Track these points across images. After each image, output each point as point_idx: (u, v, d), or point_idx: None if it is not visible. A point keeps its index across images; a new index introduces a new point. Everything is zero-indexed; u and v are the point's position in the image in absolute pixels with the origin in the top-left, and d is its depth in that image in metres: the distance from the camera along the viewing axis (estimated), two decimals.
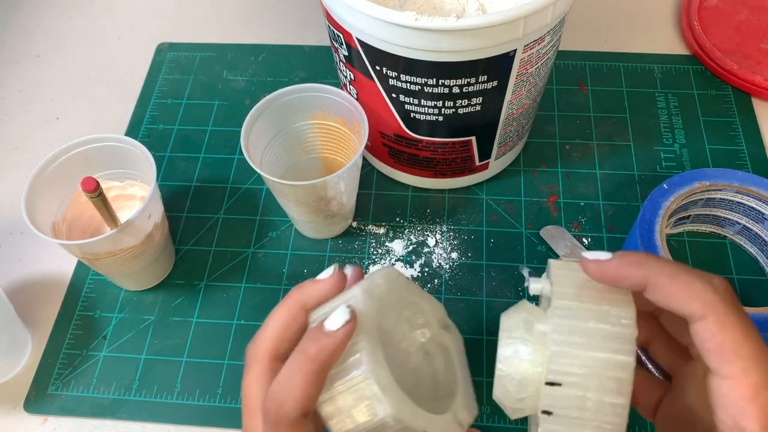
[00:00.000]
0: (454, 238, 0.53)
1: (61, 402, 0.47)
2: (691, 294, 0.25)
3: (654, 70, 0.63)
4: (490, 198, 0.55)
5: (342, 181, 0.46)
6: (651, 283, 0.25)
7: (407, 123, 0.48)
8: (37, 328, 0.51)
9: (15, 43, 0.70)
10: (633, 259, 0.26)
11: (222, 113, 0.62)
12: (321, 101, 0.50)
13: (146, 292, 0.52)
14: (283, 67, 0.65)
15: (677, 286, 0.25)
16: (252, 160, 0.45)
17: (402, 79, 0.44)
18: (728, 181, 0.48)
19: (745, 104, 0.60)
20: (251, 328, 0.49)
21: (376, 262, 0.52)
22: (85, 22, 0.72)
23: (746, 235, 0.50)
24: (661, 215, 0.46)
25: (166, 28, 0.70)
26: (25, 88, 0.66)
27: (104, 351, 0.49)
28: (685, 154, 0.57)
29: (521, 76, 0.45)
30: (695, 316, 0.25)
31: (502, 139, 0.51)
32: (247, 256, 0.53)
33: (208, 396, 0.47)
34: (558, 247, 0.51)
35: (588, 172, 0.56)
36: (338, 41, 0.46)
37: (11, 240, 0.56)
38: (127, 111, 0.63)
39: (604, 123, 0.59)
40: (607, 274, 0.27)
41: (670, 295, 0.25)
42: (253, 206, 0.56)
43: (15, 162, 0.61)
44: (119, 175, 0.50)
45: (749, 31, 0.63)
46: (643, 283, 0.26)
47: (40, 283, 0.53)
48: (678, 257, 0.51)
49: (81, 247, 0.44)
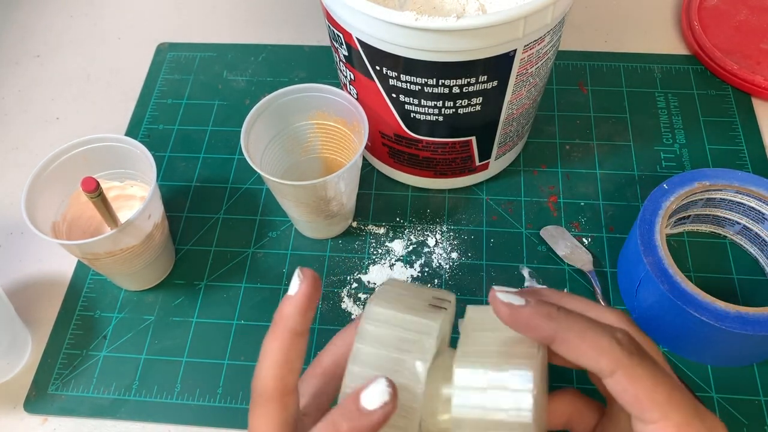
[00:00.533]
0: (454, 238, 0.53)
1: (61, 402, 0.47)
2: (598, 352, 0.25)
3: (654, 70, 0.63)
4: (490, 198, 0.55)
5: (342, 181, 0.46)
6: (559, 338, 0.26)
7: (407, 123, 0.48)
8: (37, 328, 0.51)
9: (15, 43, 0.70)
10: (545, 310, 0.26)
11: (222, 113, 0.62)
12: (321, 101, 0.50)
13: (146, 292, 0.52)
14: (283, 67, 0.65)
15: (585, 344, 0.25)
16: (252, 160, 0.45)
17: (402, 79, 0.44)
18: (728, 181, 0.48)
19: (745, 104, 0.60)
20: (251, 328, 0.50)
21: (376, 262, 0.52)
22: (85, 22, 0.72)
23: (746, 235, 0.50)
24: (661, 215, 0.46)
25: (166, 28, 0.70)
26: (25, 88, 0.66)
27: (104, 351, 0.49)
28: (685, 154, 0.57)
29: (521, 76, 0.45)
30: (604, 373, 0.25)
31: (502, 139, 0.51)
32: (247, 256, 0.53)
33: (208, 396, 0.47)
34: (558, 247, 0.51)
35: (588, 172, 0.56)
36: (338, 41, 0.46)
37: (11, 240, 0.56)
38: (127, 111, 0.63)
39: (604, 123, 0.59)
40: (519, 322, 0.27)
41: (579, 353, 0.26)
42: (253, 206, 0.56)
43: (15, 162, 0.61)
44: (119, 175, 0.50)
45: (749, 31, 0.63)
46: (552, 337, 0.26)
47: (40, 283, 0.53)
48: (678, 257, 0.51)
49: (81, 247, 0.44)
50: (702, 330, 0.43)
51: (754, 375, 0.46)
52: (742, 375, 0.46)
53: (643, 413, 0.25)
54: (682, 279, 0.43)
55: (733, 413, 0.44)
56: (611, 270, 0.51)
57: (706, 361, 0.46)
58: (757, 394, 0.45)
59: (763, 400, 0.45)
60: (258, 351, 0.29)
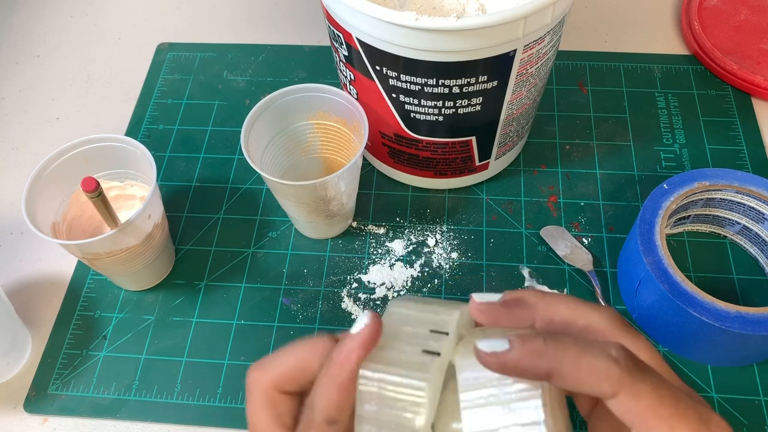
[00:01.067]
0: (454, 238, 0.53)
1: (61, 402, 0.47)
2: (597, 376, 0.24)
3: (654, 70, 0.63)
4: (490, 198, 0.55)
5: (342, 181, 0.46)
6: (555, 373, 0.25)
7: (407, 123, 0.48)
8: (37, 328, 0.51)
9: (15, 43, 0.70)
10: (532, 348, 0.25)
11: (222, 113, 0.62)
12: (321, 101, 0.50)
13: (146, 292, 0.52)
14: (283, 67, 0.65)
15: (581, 372, 0.24)
16: (252, 160, 0.45)
17: (402, 79, 0.44)
18: (728, 181, 0.48)
19: (745, 104, 0.60)
20: (251, 328, 0.49)
21: (376, 262, 0.52)
22: (85, 22, 0.72)
23: (746, 235, 0.50)
24: (661, 215, 0.46)
25: (166, 28, 0.70)
26: (25, 88, 0.66)
27: (104, 351, 0.49)
28: (685, 154, 0.57)
29: (521, 76, 0.45)
30: (607, 396, 0.25)
31: (502, 139, 0.51)
32: (247, 256, 0.53)
33: (208, 396, 0.47)
34: (558, 247, 0.51)
35: (588, 172, 0.56)
36: (338, 41, 0.46)
37: (11, 240, 0.56)
38: (127, 111, 0.63)
39: (604, 123, 0.59)
40: (509, 369, 0.25)
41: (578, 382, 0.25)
42: (253, 206, 0.56)
43: (15, 162, 0.61)
44: (119, 175, 0.50)
45: (749, 31, 0.63)
46: (547, 374, 0.25)
47: (40, 283, 0.53)
48: (678, 257, 0.51)
49: (81, 247, 0.44)
50: (702, 330, 0.43)
51: (754, 375, 0.46)
52: (742, 375, 0.46)
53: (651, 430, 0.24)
54: (682, 279, 0.43)
55: (733, 413, 0.44)
56: (611, 270, 0.51)
57: (706, 361, 0.46)
58: (757, 394, 0.45)
59: (763, 400, 0.45)
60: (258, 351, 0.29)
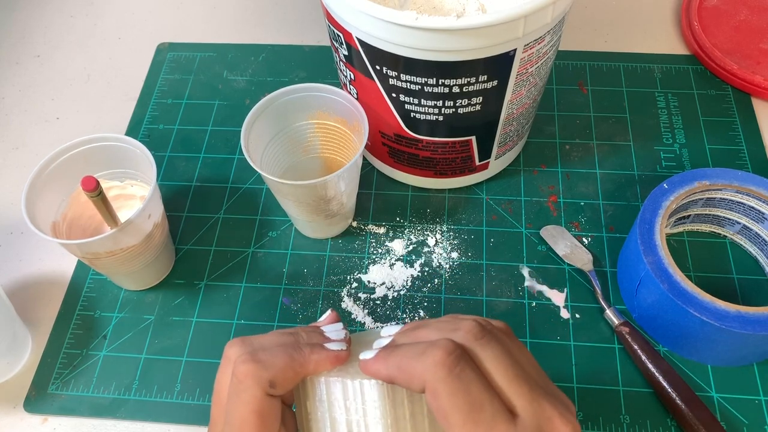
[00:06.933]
0: (454, 237, 0.53)
1: (61, 402, 0.47)
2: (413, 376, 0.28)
3: (654, 70, 0.63)
4: (490, 198, 0.55)
5: (342, 180, 0.46)
6: (393, 377, 0.29)
7: (407, 123, 0.48)
8: (37, 328, 0.51)
9: (15, 43, 0.70)
10: (381, 355, 0.30)
11: (222, 113, 0.62)
12: (321, 101, 0.50)
13: (146, 292, 0.52)
14: (283, 67, 0.65)
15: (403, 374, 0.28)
16: (252, 160, 0.45)
17: (402, 78, 0.44)
18: (728, 181, 0.48)
19: (745, 104, 0.60)
20: (251, 328, 0.49)
21: (376, 261, 0.52)
22: (85, 22, 0.72)
23: (746, 235, 0.50)
24: (661, 215, 0.46)
25: (166, 28, 0.70)
26: (25, 88, 0.66)
27: (104, 351, 0.49)
28: (685, 154, 0.57)
29: (521, 76, 0.45)
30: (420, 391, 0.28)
31: (502, 138, 0.51)
32: (247, 255, 0.53)
33: (208, 396, 0.47)
34: (558, 246, 0.51)
35: (588, 171, 0.56)
36: (338, 41, 0.46)
37: (11, 240, 0.56)
38: (127, 111, 0.63)
39: (604, 123, 0.59)
40: (369, 372, 0.30)
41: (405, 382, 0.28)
42: (253, 206, 0.56)
43: (15, 162, 0.61)
44: (119, 175, 0.50)
45: (749, 31, 0.63)
46: (390, 377, 0.29)
47: (40, 282, 0.53)
48: (678, 257, 0.51)
49: (81, 246, 0.44)
50: (702, 330, 0.43)
51: (754, 375, 0.46)
52: (742, 375, 0.46)
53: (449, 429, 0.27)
54: (682, 278, 0.43)
55: (733, 413, 0.44)
56: (611, 270, 0.51)
57: (706, 360, 0.46)
58: (757, 394, 0.45)
59: (763, 400, 0.45)
60: None
